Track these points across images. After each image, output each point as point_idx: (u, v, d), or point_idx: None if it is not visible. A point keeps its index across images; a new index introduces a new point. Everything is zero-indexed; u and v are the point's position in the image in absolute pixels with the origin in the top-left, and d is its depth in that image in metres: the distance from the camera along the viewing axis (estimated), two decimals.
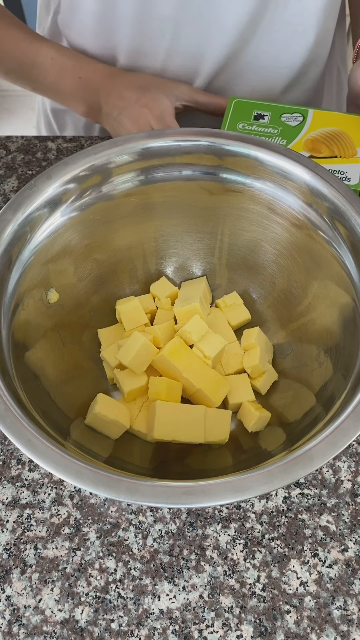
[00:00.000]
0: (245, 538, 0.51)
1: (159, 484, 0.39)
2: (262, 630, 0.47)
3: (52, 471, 0.40)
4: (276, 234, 0.59)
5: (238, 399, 0.55)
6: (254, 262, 0.61)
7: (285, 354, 0.58)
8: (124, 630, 0.47)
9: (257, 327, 0.59)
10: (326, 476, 0.54)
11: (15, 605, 0.48)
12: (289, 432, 0.50)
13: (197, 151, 0.57)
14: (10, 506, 0.53)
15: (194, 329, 0.54)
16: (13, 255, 0.52)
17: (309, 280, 0.56)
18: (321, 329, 0.54)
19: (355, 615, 0.48)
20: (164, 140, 0.57)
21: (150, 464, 0.51)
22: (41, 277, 0.55)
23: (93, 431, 0.52)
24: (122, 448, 0.52)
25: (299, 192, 0.55)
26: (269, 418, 0.54)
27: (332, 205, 0.53)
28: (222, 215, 0.61)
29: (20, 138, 0.80)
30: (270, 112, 0.68)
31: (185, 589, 0.49)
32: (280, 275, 0.59)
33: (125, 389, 0.54)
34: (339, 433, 0.41)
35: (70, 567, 0.50)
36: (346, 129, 0.66)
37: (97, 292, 0.61)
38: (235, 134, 0.57)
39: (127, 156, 0.57)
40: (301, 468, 0.40)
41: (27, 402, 0.46)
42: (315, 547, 0.51)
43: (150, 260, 0.63)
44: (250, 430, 0.53)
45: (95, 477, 0.40)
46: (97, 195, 0.57)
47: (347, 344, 0.49)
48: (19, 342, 0.50)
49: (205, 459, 0.52)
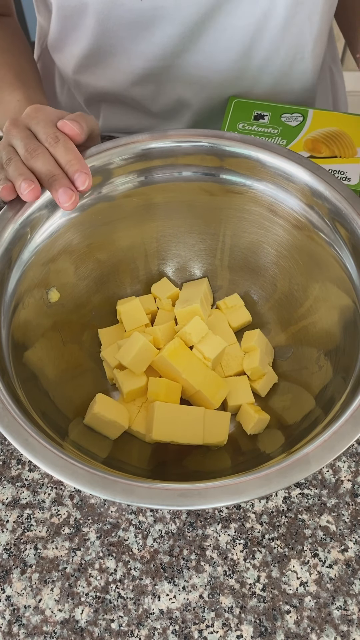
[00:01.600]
0: (245, 538, 0.51)
1: (154, 485, 0.39)
2: (262, 630, 0.48)
3: (48, 471, 0.40)
4: (277, 235, 0.59)
5: (237, 401, 0.55)
6: (255, 263, 0.61)
7: (286, 357, 0.58)
8: (124, 630, 0.48)
9: (258, 329, 0.59)
10: (326, 476, 0.54)
11: (15, 605, 0.49)
12: (287, 434, 0.50)
13: (198, 152, 0.57)
14: (10, 506, 0.53)
15: (194, 330, 0.54)
16: (13, 255, 0.52)
17: (310, 282, 0.56)
18: (322, 332, 0.54)
19: (355, 616, 0.48)
20: (165, 141, 0.57)
21: (149, 464, 0.51)
22: (42, 276, 0.55)
23: (92, 431, 0.52)
24: (120, 448, 0.52)
25: (300, 194, 0.55)
26: (268, 420, 0.54)
27: (333, 207, 0.53)
28: (224, 217, 0.61)
29: None
30: (270, 112, 0.68)
31: (185, 589, 0.49)
32: (281, 277, 0.59)
33: (124, 389, 0.54)
34: (337, 437, 0.41)
35: (70, 567, 0.50)
36: (346, 129, 0.66)
37: (98, 292, 0.61)
38: (237, 135, 0.57)
39: (127, 157, 0.57)
40: (298, 472, 0.40)
41: (25, 402, 0.46)
42: (315, 547, 0.51)
43: (151, 261, 0.63)
44: (249, 432, 0.53)
45: (91, 478, 0.40)
46: (97, 196, 0.57)
47: (348, 346, 0.49)
48: (18, 342, 0.51)
49: (204, 460, 0.52)
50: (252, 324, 0.62)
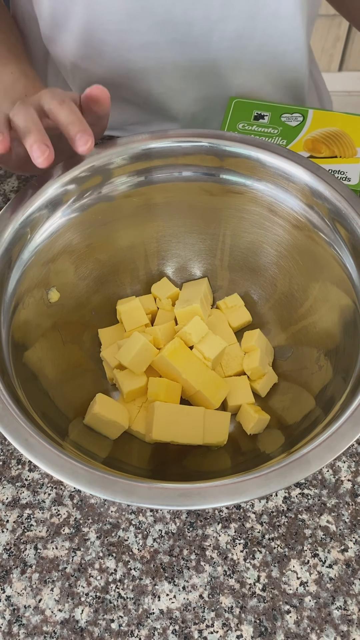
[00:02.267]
0: (245, 538, 0.51)
1: (155, 485, 0.39)
2: (262, 630, 0.48)
3: (48, 471, 0.40)
4: (277, 235, 0.59)
5: (237, 401, 0.55)
6: (255, 263, 0.61)
7: (286, 357, 0.58)
8: (124, 631, 0.48)
9: (258, 329, 0.59)
10: (326, 476, 0.54)
11: (15, 605, 0.49)
12: (287, 434, 0.50)
13: (198, 152, 0.57)
14: (10, 506, 0.53)
15: (194, 330, 0.54)
16: (13, 255, 0.52)
17: (310, 283, 0.56)
18: (322, 332, 0.54)
19: (355, 616, 0.48)
20: (165, 141, 0.57)
21: (149, 465, 0.51)
22: (42, 276, 0.55)
23: (92, 431, 0.52)
24: (120, 449, 0.52)
25: (300, 194, 0.55)
26: (268, 420, 0.54)
27: (333, 207, 0.53)
28: (224, 217, 0.61)
29: None
30: (270, 112, 0.68)
31: (185, 589, 0.49)
32: (281, 277, 0.59)
33: (124, 389, 0.54)
34: (337, 437, 0.41)
35: (70, 567, 0.50)
36: (346, 129, 0.66)
37: (98, 292, 0.61)
38: (237, 135, 0.57)
39: (127, 157, 0.57)
40: (298, 472, 0.40)
41: (25, 402, 0.46)
42: (315, 547, 0.51)
43: (151, 261, 0.63)
44: (249, 432, 0.53)
45: (91, 478, 0.40)
46: (97, 196, 0.57)
47: (347, 346, 0.49)
48: (18, 342, 0.51)
49: (204, 460, 0.52)
50: (252, 324, 0.62)
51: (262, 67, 0.74)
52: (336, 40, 1.82)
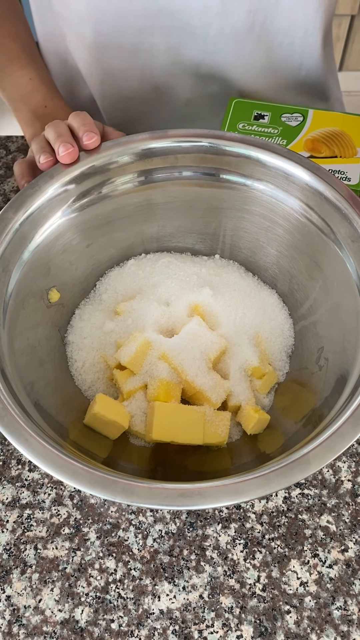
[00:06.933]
0: (246, 538, 0.51)
1: (154, 485, 0.39)
2: (262, 630, 0.48)
3: (48, 471, 0.40)
4: (277, 235, 0.59)
5: (237, 401, 0.55)
6: (255, 263, 0.61)
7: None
8: (124, 631, 0.48)
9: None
10: (326, 476, 0.54)
11: (15, 605, 0.49)
12: (287, 435, 0.50)
13: (198, 152, 0.57)
14: (10, 506, 0.53)
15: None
16: (14, 255, 0.52)
17: (310, 283, 0.56)
18: (322, 332, 0.54)
19: (355, 616, 0.48)
20: (165, 141, 0.57)
21: (149, 465, 0.51)
22: (42, 276, 0.55)
23: (92, 431, 0.52)
24: (120, 449, 0.52)
25: (300, 194, 0.55)
26: (268, 420, 0.54)
27: (333, 207, 0.53)
28: (224, 217, 0.61)
29: (20, 138, 0.80)
30: (270, 112, 0.68)
31: (185, 589, 0.49)
32: (281, 277, 0.59)
33: (124, 389, 0.54)
34: (337, 437, 0.41)
35: (70, 567, 0.50)
36: (346, 129, 0.66)
37: None
38: (237, 136, 0.57)
39: (128, 157, 0.57)
40: (298, 472, 0.40)
41: (25, 402, 0.46)
42: (316, 547, 0.51)
43: None
44: (249, 432, 0.53)
45: (91, 478, 0.40)
46: (97, 196, 0.57)
47: (347, 347, 0.49)
48: (18, 342, 0.51)
49: (204, 460, 0.52)
50: None
51: (264, 62, 0.73)
52: (336, 40, 1.82)
